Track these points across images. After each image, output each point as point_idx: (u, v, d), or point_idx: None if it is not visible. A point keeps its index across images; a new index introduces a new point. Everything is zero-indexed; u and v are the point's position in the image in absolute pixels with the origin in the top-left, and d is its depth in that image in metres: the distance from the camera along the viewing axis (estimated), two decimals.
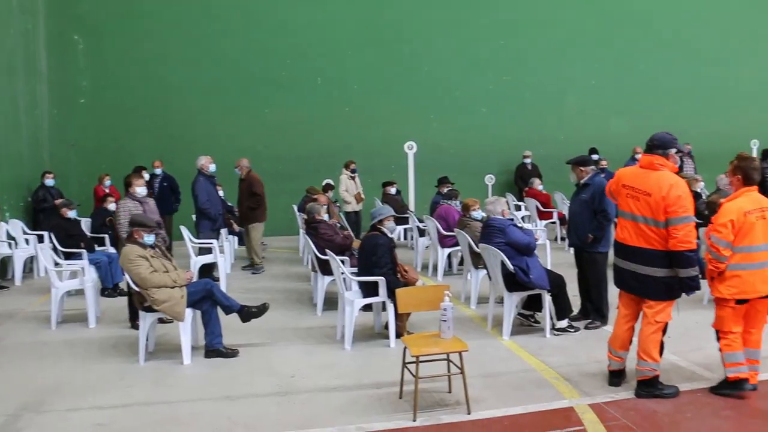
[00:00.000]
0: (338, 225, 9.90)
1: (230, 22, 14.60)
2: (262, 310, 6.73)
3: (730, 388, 5.19)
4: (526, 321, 7.21)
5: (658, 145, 5.10)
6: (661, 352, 5.17)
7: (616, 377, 5.44)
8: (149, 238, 6.47)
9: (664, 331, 5.20)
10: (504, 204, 7.20)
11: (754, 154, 16.40)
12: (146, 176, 11.84)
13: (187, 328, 6.30)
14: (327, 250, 7.39)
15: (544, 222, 12.60)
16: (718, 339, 5.29)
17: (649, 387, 5.14)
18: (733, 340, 5.19)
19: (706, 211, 7.95)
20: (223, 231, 11.04)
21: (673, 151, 5.12)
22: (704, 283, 5.40)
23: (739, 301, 5.13)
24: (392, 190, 13.01)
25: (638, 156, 14.56)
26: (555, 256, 10.05)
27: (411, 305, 5.35)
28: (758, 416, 4.90)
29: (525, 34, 15.87)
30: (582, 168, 7.23)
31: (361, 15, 15.09)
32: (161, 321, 6.94)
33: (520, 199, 14.27)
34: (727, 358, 5.21)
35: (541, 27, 15.96)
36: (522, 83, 15.94)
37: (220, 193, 11.13)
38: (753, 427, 4.73)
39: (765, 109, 17.81)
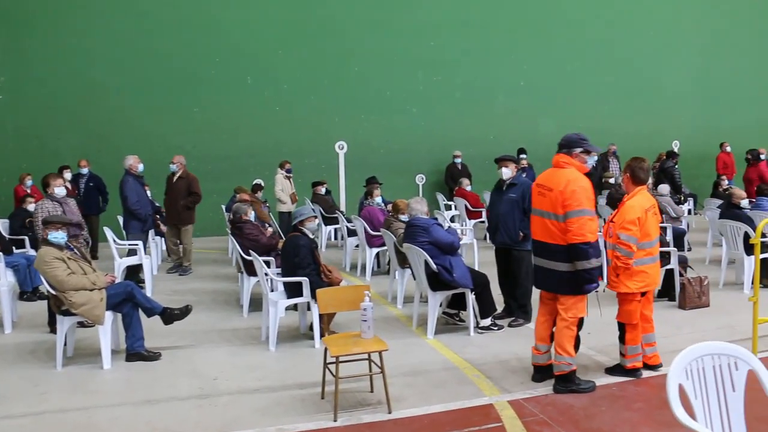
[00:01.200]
0: (267, 225, 9.84)
1: (159, 19, 14.29)
2: (185, 312, 6.64)
3: (627, 374, 5.57)
4: (451, 320, 7.32)
5: (564, 145, 5.34)
6: (576, 347, 5.31)
7: (538, 373, 5.57)
8: (56, 236, 6.24)
9: (580, 327, 5.34)
10: (424, 205, 7.24)
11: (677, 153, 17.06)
12: (69, 176, 11.60)
13: (107, 332, 6.16)
14: (251, 251, 7.34)
15: (473, 221, 12.80)
16: (624, 332, 5.56)
17: (566, 382, 5.27)
18: (638, 333, 5.54)
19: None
20: (150, 232, 10.84)
21: (579, 150, 5.28)
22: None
23: (643, 294, 5.49)
24: (322, 190, 12.99)
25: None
26: (483, 255, 10.21)
27: (331, 305, 5.36)
28: (667, 407, 5.09)
29: (456, 35, 16.04)
30: (516, 165, 7.41)
31: (292, 14, 15.00)
32: (81, 325, 6.78)
33: (451, 198, 14.45)
34: (630, 351, 5.53)
35: (472, 28, 16.17)
36: (452, 83, 16.13)
37: (148, 193, 10.89)
38: (662, 418, 4.91)
39: (686, 110, 18.53)
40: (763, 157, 15.56)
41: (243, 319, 7.87)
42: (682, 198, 14.74)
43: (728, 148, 16.48)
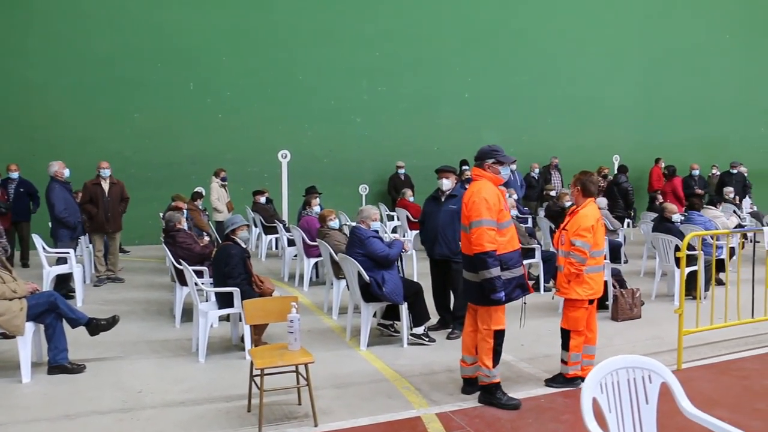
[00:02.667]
0: (205, 234, 9.67)
1: (100, 21, 14.00)
2: (111, 322, 6.45)
3: (567, 383, 5.63)
4: (386, 331, 7.28)
5: (477, 157, 5.41)
6: (496, 361, 5.26)
7: (467, 385, 5.56)
8: None
9: (501, 339, 5.29)
10: (370, 213, 7.15)
11: (615, 167, 17.47)
12: None
13: (27, 343, 5.93)
14: (182, 260, 7.19)
15: (414, 232, 12.78)
16: (569, 339, 5.62)
17: (488, 394, 5.27)
18: (582, 341, 5.62)
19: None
20: (83, 239, 10.54)
21: (491, 161, 5.31)
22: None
23: (590, 302, 5.59)
24: (262, 199, 12.85)
25: (512, 167, 15.25)
26: (423, 266, 10.20)
27: (258, 317, 5.26)
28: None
29: (401, 46, 16.10)
30: (456, 176, 7.43)
31: (237, 20, 14.86)
32: (1, 336, 6.53)
33: (393, 209, 14.45)
34: (573, 358, 5.60)
35: (417, 39, 16.26)
36: (397, 94, 16.17)
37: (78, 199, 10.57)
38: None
39: (627, 126, 18.97)
40: (696, 172, 16.07)
41: (175, 329, 7.69)
42: (632, 213, 15.13)
43: (662, 164, 16.96)
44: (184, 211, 9.26)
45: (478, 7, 16.97)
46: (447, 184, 7.32)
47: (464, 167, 14.31)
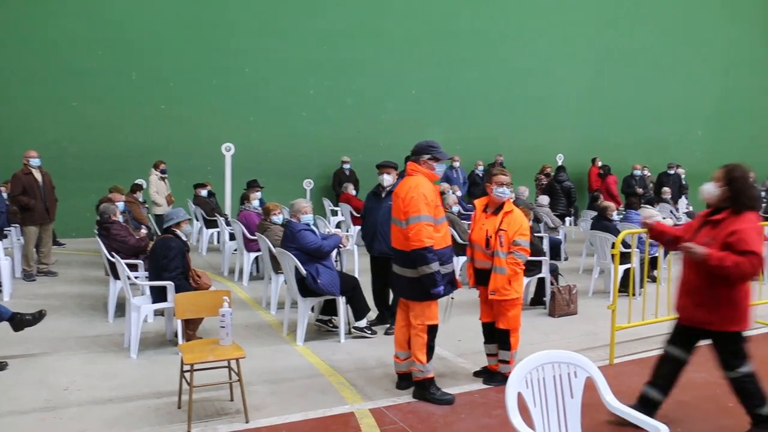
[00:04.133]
0: (143, 227, 9.45)
1: (37, 5, 13.49)
2: (37, 317, 6.24)
3: (504, 382, 5.58)
4: (325, 326, 7.23)
5: (413, 152, 5.38)
6: (430, 356, 5.26)
7: (401, 380, 5.54)
8: None
9: (434, 334, 5.30)
10: (301, 206, 7.08)
11: (560, 166, 17.70)
12: None
13: None
14: (115, 253, 7.00)
15: (358, 227, 12.74)
16: (509, 338, 5.65)
17: (422, 389, 5.28)
18: (519, 337, 5.74)
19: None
20: (14, 230, 10.19)
21: (426, 157, 5.29)
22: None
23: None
24: (204, 192, 12.64)
25: (456, 164, 15.34)
26: (364, 261, 10.17)
27: (189, 311, 5.14)
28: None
29: (349, 41, 16.02)
30: (397, 172, 7.39)
31: (183, 9, 14.54)
32: None
33: (338, 204, 14.38)
34: (515, 356, 5.63)
35: (365, 35, 16.20)
36: (344, 89, 16.09)
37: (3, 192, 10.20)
38: None
39: (570, 125, 19.25)
40: (638, 172, 16.44)
41: (108, 324, 7.49)
42: (573, 211, 15.38)
43: (599, 163, 17.31)
44: (120, 204, 8.99)
45: (428, 4, 17.00)
46: (388, 179, 7.30)
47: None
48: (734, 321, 4.43)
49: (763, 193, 17.03)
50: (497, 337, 5.72)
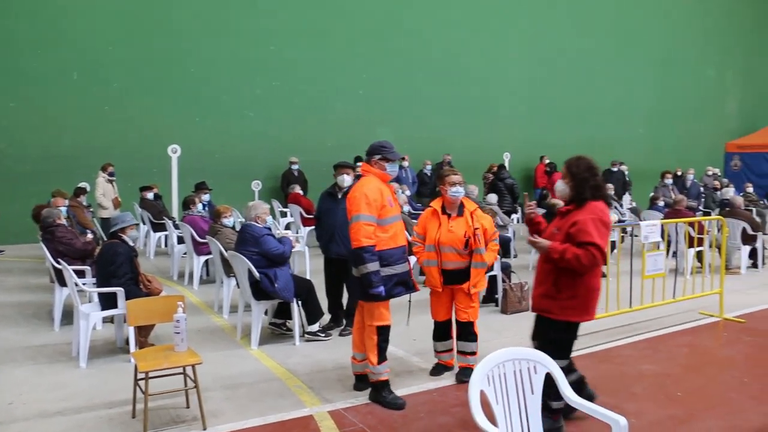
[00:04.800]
0: (89, 232, 9.21)
1: None
2: None
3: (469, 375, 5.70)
4: (278, 329, 7.16)
5: (366, 153, 5.35)
6: (381, 358, 5.20)
7: (359, 381, 5.53)
8: None
9: (386, 335, 5.24)
10: (261, 209, 7.02)
11: (506, 166, 17.95)
12: None
13: None
14: (62, 258, 6.80)
15: (308, 228, 12.69)
16: (474, 329, 5.80)
17: (375, 391, 5.25)
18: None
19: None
20: None
21: (377, 157, 5.29)
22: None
23: None
24: (150, 195, 12.40)
25: (405, 163, 15.39)
26: (316, 263, 10.12)
27: (142, 317, 5.04)
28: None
29: (295, 41, 15.93)
30: (354, 172, 7.35)
31: (125, 8, 14.20)
32: None
33: (287, 205, 14.27)
34: (478, 347, 5.76)
35: (312, 35, 16.13)
36: (291, 89, 15.98)
37: None
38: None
39: (517, 125, 19.56)
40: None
41: (54, 333, 7.26)
42: (518, 208, 15.59)
43: (546, 161, 17.63)
44: (63, 208, 8.74)
45: (374, 5, 17.02)
46: (348, 180, 7.29)
47: (358, 163, 14.28)
48: (575, 311, 4.45)
49: (701, 189, 17.59)
50: (462, 331, 5.82)
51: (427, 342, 6.71)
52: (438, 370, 5.99)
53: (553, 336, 4.53)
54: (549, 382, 3.44)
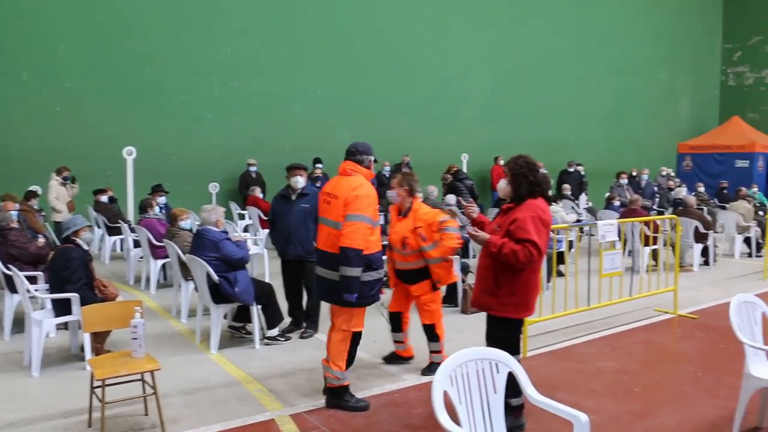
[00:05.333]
0: (40, 236, 8.97)
1: None
2: None
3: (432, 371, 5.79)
4: (237, 333, 7.09)
5: (358, 152, 5.21)
6: (349, 363, 5.15)
7: None
8: None
9: (356, 343, 5.18)
10: (220, 213, 6.95)
11: (464, 167, 18.10)
12: None
13: None
14: (14, 262, 6.61)
15: (267, 231, 12.56)
16: (435, 330, 5.92)
17: (336, 397, 5.16)
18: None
19: None
20: None
21: (372, 158, 5.31)
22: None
23: None
24: (104, 197, 12.15)
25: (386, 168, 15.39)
26: (274, 265, 10.05)
27: (98, 323, 4.92)
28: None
29: (253, 42, 15.76)
30: (308, 174, 7.32)
31: (77, 5, 13.83)
32: None
33: (245, 207, 14.14)
34: (443, 345, 5.89)
35: (270, 35, 15.98)
36: (248, 91, 15.82)
37: None
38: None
39: (475, 126, 19.68)
40: (542, 170, 16.93)
41: (4, 342, 7.05)
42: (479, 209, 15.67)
43: (501, 161, 17.79)
44: (14, 212, 8.49)
45: (334, 5, 16.97)
46: (301, 181, 7.24)
47: (317, 165, 14.25)
48: (513, 308, 4.51)
49: (655, 188, 17.96)
50: (424, 331, 5.93)
51: (388, 344, 6.72)
52: (389, 358, 6.22)
53: (500, 334, 4.60)
54: (508, 379, 3.46)
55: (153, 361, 4.64)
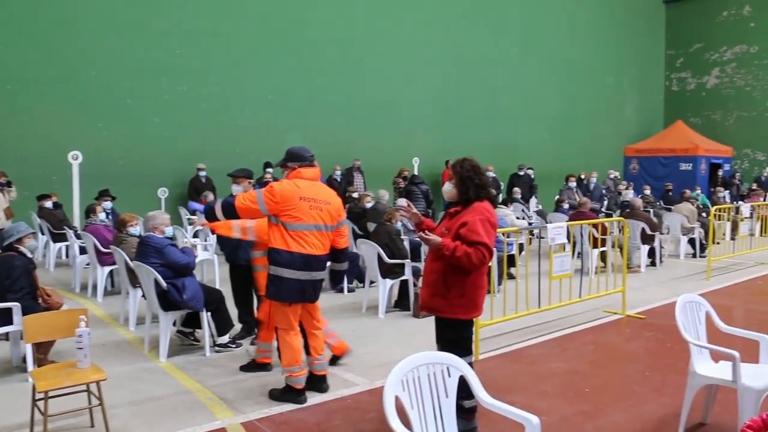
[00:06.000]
0: None
1: None
2: None
3: (259, 368, 6.14)
4: (187, 339, 6.95)
5: (311, 158, 5.38)
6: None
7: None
8: None
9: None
10: (159, 220, 6.81)
11: (416, 170, 18.16)
12: None
13: None
14: None
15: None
16: (260, 330, 6.12)
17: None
18: (273, 332, 6.06)
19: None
20: None
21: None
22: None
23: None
24: (49, 203, 11.83)
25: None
26: (224, 270, 9.91)
27: (41, 333, 4.76)
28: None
29: (203, 44, 15.55)
30: (250, 181, 7.21)
31: (19, 4, 13.44)
32: None
33: (194, 213, 13.91)
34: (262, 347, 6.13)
35: (219, 38, 15.78)
36: (198, 94, 15.59)
37: None
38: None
39: (426, 130, 19.77)
40: (491, 174, 17.15)
41: None
42: (430, 212, 15.76)
43: None
44: None
45: (282, 9, 16.85)
46: (236, 189, 7.16)
47: (267, 169, 14.14)
48: (463, 309, 4.56)
49: (603, 191, 18.31)
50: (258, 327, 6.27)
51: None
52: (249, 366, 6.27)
53: (450, 336, 4.63)
54: (460, 382, 3.47)
55: (99, 371, 4.51)
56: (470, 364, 4.30)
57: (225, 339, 6.78)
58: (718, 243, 11.85)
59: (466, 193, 4.55)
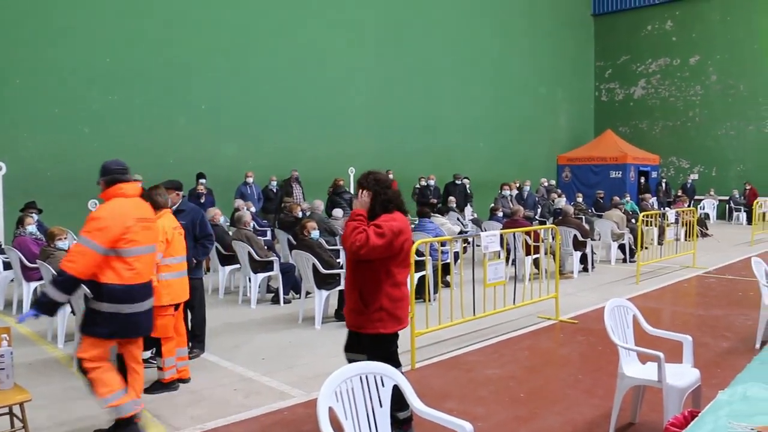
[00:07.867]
0: None
1: None
2: None
3: (166, 388, 5.99)
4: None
5: (127, 171, 5.18)
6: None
7: None
8: None
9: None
10: None
11: (351, 180, 18.15)
12: None
13: None
14: None
15: None
16: (161, 346, 6.01)
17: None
18: (173, 345, 6.12)
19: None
20: None
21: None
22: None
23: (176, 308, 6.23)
24: None
25: (249, 180, 15.10)
26: None
27: None
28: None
29: (135, 52, 15.17)
30: (178, 193, 7.10)
31: None
32: None
33: None
34: (167, 363, 6.03)
35: (152, 46, 15.45)
36: (130, 104, 15.21)
37: None
38: None
39: (362, 139, 19.79)
40: (432, 182, 17.33)
41: None
42: None
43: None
44: None
45: (216, 18, 16.65)
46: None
47: (201, 180, 13.93)
48: (384, 323, 4.53)
49: (537, 199, 18.68)
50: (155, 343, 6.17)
51: (275, 361, 6.63)
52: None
53: (378, 352, 4.52)
54: (395, 393, 3.47)
55: (23, 392, 4.34)
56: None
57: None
58: (646, 248, 12.21)
59: (373, 207, 4.53)
